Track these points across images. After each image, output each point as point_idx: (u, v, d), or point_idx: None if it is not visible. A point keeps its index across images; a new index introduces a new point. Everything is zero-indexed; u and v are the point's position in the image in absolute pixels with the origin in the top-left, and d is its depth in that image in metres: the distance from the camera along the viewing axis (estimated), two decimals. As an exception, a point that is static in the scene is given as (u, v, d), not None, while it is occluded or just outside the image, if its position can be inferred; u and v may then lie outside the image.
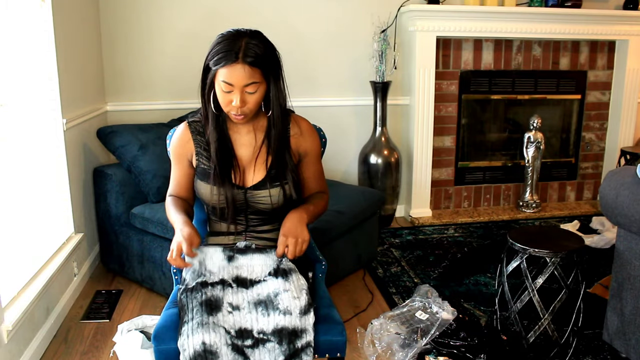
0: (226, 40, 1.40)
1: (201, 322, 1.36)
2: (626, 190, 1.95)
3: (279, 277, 1.48)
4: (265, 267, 1.52)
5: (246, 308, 1.43)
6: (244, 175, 1.55)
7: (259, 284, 1.48)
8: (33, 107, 2.35)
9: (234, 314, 1.41)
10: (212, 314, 1.39)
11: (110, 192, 2.77)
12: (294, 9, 3.58)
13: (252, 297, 1.45)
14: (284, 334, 1.37)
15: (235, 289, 1.47)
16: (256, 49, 1.39)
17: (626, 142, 4.14)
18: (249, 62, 1.38)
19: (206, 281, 1.48)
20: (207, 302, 1.41)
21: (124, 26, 3.36)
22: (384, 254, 3.26)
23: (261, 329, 1.39)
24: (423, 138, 3.77)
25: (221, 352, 1.33)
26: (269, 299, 1.43)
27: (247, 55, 1.38)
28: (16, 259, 2.11)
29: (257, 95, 1.44)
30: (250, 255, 1.53)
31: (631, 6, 3.89)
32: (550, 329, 2.12)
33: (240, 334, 1.38)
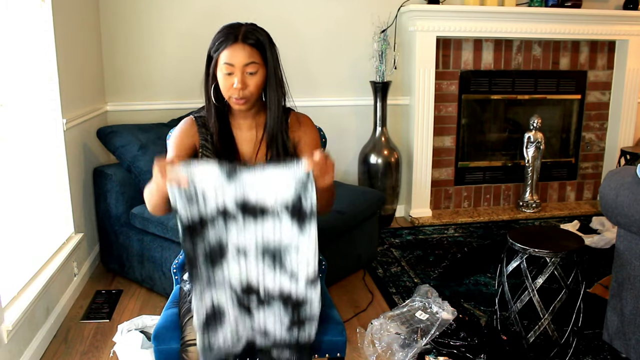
0: (226, 28, 1.46)
1: (209, 280, 1.33)
2: (626, 190, 1.95)
3: (294, 221, 1.32)
4: (281, 191, 1.30)
5: (253, 253, 1.34)
6: None
7: (270, 218, 1.32)
8: (33, 107, 2.35)
9: (239, 260, 1.35)
10: (218, 266, 1.33)
11: (110, 192, 2.77)
12: (294, 9, 3.58)
13: (261, 238, 1.33)
14: (290, 301, 1.37)
15: (242, 221, 1.32)
16: (256, 34, 1.45)
17: (626, 142, 4.14)
18: (249, 43, 1.43)
19: (202, 215, 1.30)
20: (211, 253, 1.32)
21: (124, 26, 3.36)
22: (384, 254, 3.26)
23: (267, 288, 1.36)
24: (423, 138, 3.77)
25: (228, 311, 1.34)
26: (277, 252, 1.35)
27: (247, 37, 1.43)
28: (16, 259, 2.11)
29: (257, 78, 1.45)
30: (260, 171, 1.29)
31: (631, 6, 3.89)
32: (550, 329, 2.12)
33: (246, 292, 1.36)
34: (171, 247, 2.54)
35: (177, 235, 2.46)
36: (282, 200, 1.29)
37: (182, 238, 1.28)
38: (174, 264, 1.75)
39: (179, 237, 1.31)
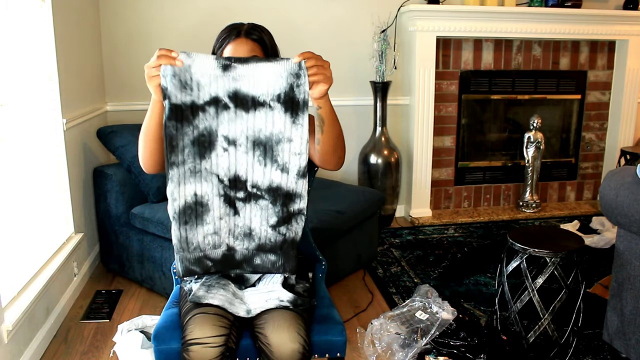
0: (230, 26, 1.50)
1: (193, 170, 1.29)
2: (626, 190, 1.95)
3: (287, 112, 1.28)
4: (273, 81, 1.27)
5: (243, 145, 1.31)
6: None
7: (262, 109, 1.29)
8: (33, 107, 2.35)
9: (229, 152, 1.31)
10: (205, 156, 1.30)
11: (110, 192, 2.77)
12: (294, 9, 3.58)
13: (252, 130, 1.30)
14: (279, 194, 1.32)
15: (233, 111, 1.29)
16: (258, 30, 1.49)
17: (626, 142, 4.14)
18: (252, 38, 1.47)
19: (194, 102, 1.27)
20: (199, 139, 1.28)
21: (124, 26, 3.37)
22: (384, 254, 3.26)
23: (255, 182, 1.33)
24: (423, 138, 3.77)
25: (212, 205, 1.30)
26: (269, 144, 1.31)
27: (249, 32, 1.47)
28: (16, 259, 2.11)
29: None
30: (254, 65, 1.26)
31: (631, 6, 3.90)
32: (550, 329, 2.12)
33: (233, 184, 1.33)
34: (171, 247, 2.54)
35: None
36: (274, 91, 1.27)
37: (166, 116, 1.25)
38: (174, 264, 1.75)
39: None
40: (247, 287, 1.51)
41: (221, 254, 1.37)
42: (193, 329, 1.36)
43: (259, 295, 1.46)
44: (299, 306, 1.44)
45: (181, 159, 1.27)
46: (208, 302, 1.41)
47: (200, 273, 1.38)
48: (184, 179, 1.28)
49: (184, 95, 1.26)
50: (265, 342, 1.38)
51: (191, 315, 1.40)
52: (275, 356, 1.36)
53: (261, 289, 1.48)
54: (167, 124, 1.26)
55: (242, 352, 1.47)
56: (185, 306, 1.47)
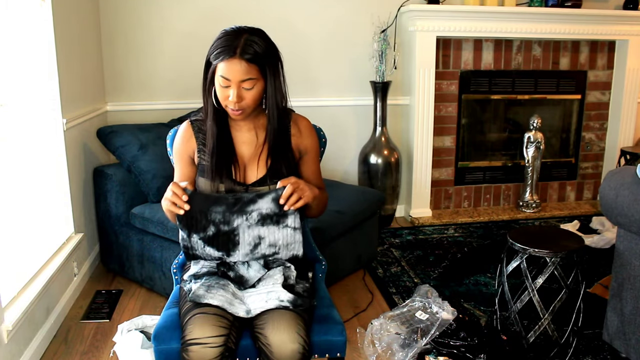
0: (227, 36, 1.43)
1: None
2: (626, 190, 1.95)
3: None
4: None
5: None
6: (245, 172, 1.56)
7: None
8: (33, 107, 2.35)
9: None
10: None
11: (110, 192, 2.77)
12: (294, 9, 3.58)
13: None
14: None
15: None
16: (255, 46, 1.41)
17: (626, 142, 4.14)
18: (247, 58, 1.40)
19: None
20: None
21: (124, 26, 3.37)
22: (384, 254, 3.26)
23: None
24: (423, 138, 3.77)
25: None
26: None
27: (245, 51, 1.40)
28: (16, 259, 2.11)
29: (254, 92, 1.46)
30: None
31: (631, 6, 3.89)
32: (550, 329, 2.12)
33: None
34: (171, 247, 2.54)
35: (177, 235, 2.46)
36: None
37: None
38: (174, 264, 1.75)
39: (178, 238, 1.49)
40: (247, 288, 1.51)
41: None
42: (193, 329, 1.36)
43: (259, 295, 1.46)
44: (299, 306, 1.44)
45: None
46: (208, 302, 1.41)
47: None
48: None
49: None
50: (265, 342, 1.38)
51: (191, 315, 1.40)
52: (275, 356, 1.36)
53: (261, 290, 1.48)
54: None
55: (242, 352, 1.47)
56: (185, 306, 1.47)
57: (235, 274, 1.53)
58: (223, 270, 1.52)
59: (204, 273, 1.52)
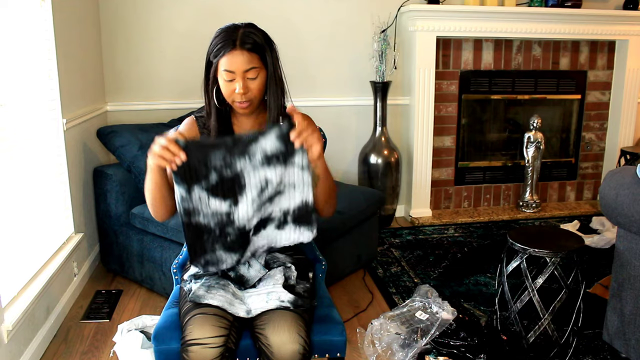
0: (224, 32, 1.45)
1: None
2: (626, 190, 1.95)
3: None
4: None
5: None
6: None
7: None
8: (33, 107, 2.35)
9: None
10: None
11: (110, 192, 2.77)
12: (294, 9, 3.58)
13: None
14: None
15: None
16: (253, 36, 1.44)
17: (626, 142, 4.14)
18: (247, 48, 1.42)
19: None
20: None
21: (124, 26, 3.37)
22: (384, 254, 3.26)
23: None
24: (423, 138, 3.77)
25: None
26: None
27: (244, 42, 1.42)
28: (16, 259, 2.11)
29: (259, 82, 1.46)
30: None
31: (631, 6, 3.90)
32: (550, 329, 2.12)
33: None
34: (171, 247, 2.54)
35: (177, 235, 2.46)
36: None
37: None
38: (174, 264, 1.75)
39: (179, 235, 1.40)
40: (247, 288, 1.51)
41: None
42: (193, 329, 1.36)
43: (259, 295, 1.46)
44: (300, 307, 1.44)
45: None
46: (208, 302, 1.41)
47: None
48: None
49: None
50: (265, 342, 1.38)
51: (191, 315, 1.40)
52: (276, 357, 1.36)
53: (261, 290, 1.48)
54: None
55: (242, 353, 1.47)
56: (185, 306, 1.47)
57: (235, 274, 1.53)
58: (223, 270, 1.52)
59: (204, 273, 1.52)
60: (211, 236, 1.41)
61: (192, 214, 1.38)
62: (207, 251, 1.42)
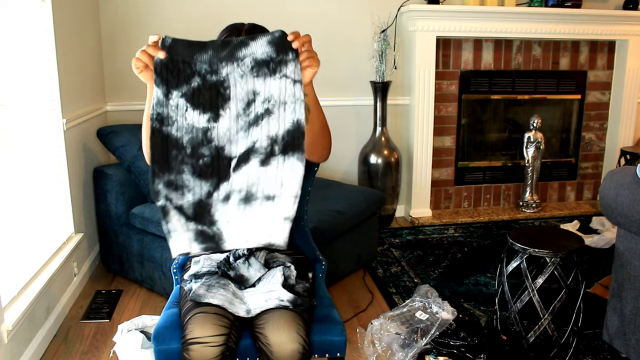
0: (230, 26, 1.50)
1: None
2: (626, 190, 1.95)
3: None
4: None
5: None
6: None
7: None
8: (33, 107, 2.35)
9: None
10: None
11: (110, 192, 2.77)
12: (294, 9, 3.58)
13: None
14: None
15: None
16: (258, 30, 1.49)
17: (626, 142, 4.14)
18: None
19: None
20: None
21: (124, 26, 3.37)
22: (384, 254, 3.26)
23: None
24: (423, 138, 3.77)
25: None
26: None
27: (250, 32, 1.46)
28: (16, 259, 2.11)
29: None
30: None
31: (631, 6, 3.90)
32: (550, 329, 2.12)
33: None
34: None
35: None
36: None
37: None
38: (174, 264, 1.75)
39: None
40: (247, 287, 1.51)
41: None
42: (193, 329, 1.36)
43: (259, 295, 1.46)
44: (299, 306, 1.44)
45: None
46: (208, 302, 1.41)
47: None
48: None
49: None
50: (265, 342, 1.38)
51: (191, 314, 1.40)
52: (275, 356, 1.36)
53: (261, 289, 1.48)
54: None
55: (242, 352, 1.47)
56: (186, 305, 1.47)
57: (235, 273, 1.53)
58: (223, 269, 1.52)
59: (205, 272, 1.53)
60: (181, 154, 1.22)
61: (164, 122, 1.21)
62: (172, 170, 1.22)
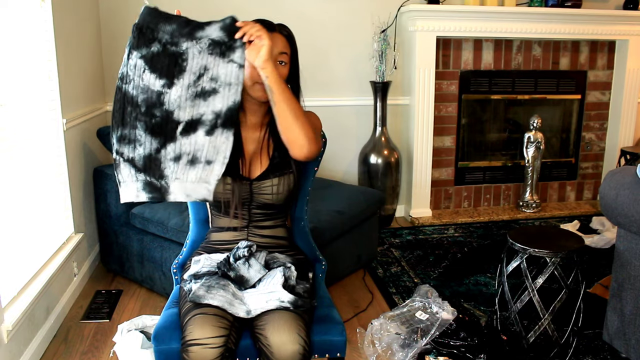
0: (260, 22, 1.51)
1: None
2: (626, 190, 1.95)
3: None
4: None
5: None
6: (250, 167, 1.58)
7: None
8: (33, 107, 2.35)
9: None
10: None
11: (110, 192, 2.77)
12: (294, 9, 3.58)
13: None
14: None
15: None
16: (289, 29, 1.57)
17: (626, 142, 4.14)
18: (285, 35, 1.54)
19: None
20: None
21: (124, 26, 3.36)
22: (384, 254, 3.26)
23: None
24: (423, 138, 3.77)
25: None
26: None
27: (283, 29, 1.55)
28: (16, 259, 2.11)
29: (285, 70, 1.54)
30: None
31: (631, 6, 3.90)
32: (550, 329, 2.12)
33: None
34: (171, 247, 2.54)
35: (177, 235, 2.46)
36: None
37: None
38: (174, 264, 1.75)
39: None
40: (247, 288, 1.51)
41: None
42: (193, 330, 1.36)
43: (260, 296, 1.46)
44: (300, 307, 1.44)
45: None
46: (208, 303, 1.41)
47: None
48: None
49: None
50: (265, 343, 1.38)
51: (191, 315, 1.40)
52: (276, 357, 1.36)
53: (261, 290, 1.48)
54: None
55: (242, 353, 1.47)
56: (185, 306, 1.47)
57: (235, 274, 1.53)
58: (223, 270, 1.52)
59: (204, 273, 1.53)
60: (135, 111, 1.37)
61: (124, 80, 1.36)
62: (126, 125, 1.37)
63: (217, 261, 1.57)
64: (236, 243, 1.60)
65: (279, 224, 1.64)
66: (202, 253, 1.64)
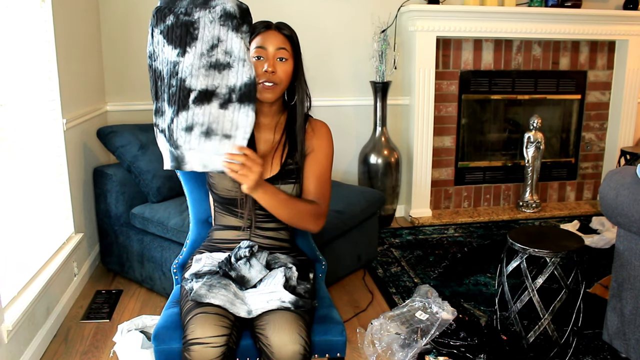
0: (259, 21, 1.56)
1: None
2: (626, 190, 1.95)
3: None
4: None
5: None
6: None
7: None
8: (33, 107, 2.35)
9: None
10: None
11: (110, 192, 2.77)
12: (294, 9, 3.58)
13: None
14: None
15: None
16: (287, 26, 1.57)
17: (626, 142, 4.14)
18: (282, 32, 1.54)
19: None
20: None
21: (124, 26, 3.37)
22: (384, 254, 3.26)
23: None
24: (423, 138, 3.77)
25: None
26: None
27: (280, 27, 1.55)
28: (16, 259, 2.11)
29: (287, 67, 1.53)
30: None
31: (631, 6, 3.90)
32: (550, 329, 2.12)
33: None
34: (171, 247, 2.54)
35: (177, 235, 2.46)
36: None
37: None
38: (174, 264, 1.75)
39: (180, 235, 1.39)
40: (249, 288, 1.51)
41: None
42: (194, 329, 1.36)
43: (260, 296, 1.46)
44: (300, 307, 1.44)
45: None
46: (209, 302, 1.41)
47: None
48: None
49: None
50: (266, 343, 1.38)
51: (192, 314, 1.40)
52: (276, 357, 1.36)
53: (262, 290, 1.48)
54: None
55: (243, 353, 1.47)
56: (186, 305, 1.47)
57: (236, 274, 1.53)
58: (225, 270, 1.52)
59: (206, 272, 1.53)
60: (163, 84, 1.43)
61: (152, 57, 1.43)
62: (159, 98, 1.44)
63: (219, 260, 1.57)
64: (238, 242, 1.59)
65: (282, 226, 1.63)
66: (203, 252, 1.64)
